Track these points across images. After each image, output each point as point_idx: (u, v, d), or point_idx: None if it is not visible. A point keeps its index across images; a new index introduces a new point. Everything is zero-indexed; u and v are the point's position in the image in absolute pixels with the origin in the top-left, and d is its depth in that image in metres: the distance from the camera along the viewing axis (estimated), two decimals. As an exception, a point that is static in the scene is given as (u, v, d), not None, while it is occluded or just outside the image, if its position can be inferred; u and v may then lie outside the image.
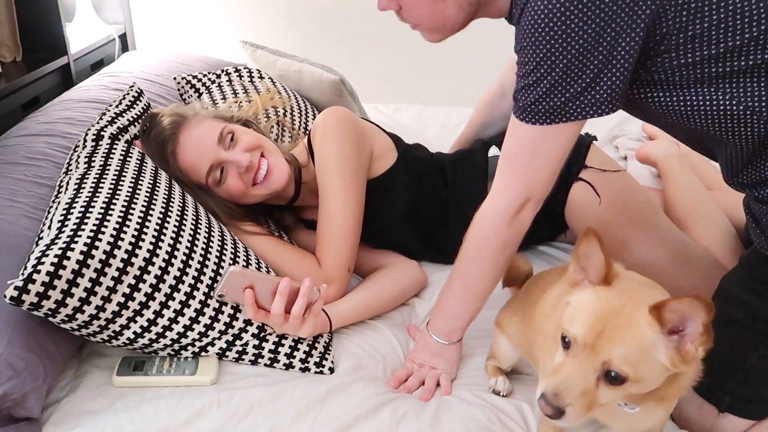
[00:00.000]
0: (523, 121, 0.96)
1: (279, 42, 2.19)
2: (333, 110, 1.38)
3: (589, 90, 0.90)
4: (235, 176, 1.29)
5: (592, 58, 0.87)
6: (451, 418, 1.03)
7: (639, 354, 0.75)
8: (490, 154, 1.46)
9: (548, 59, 0.89)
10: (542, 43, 0.88)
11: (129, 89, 1.39)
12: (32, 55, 1.87)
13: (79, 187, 1.11)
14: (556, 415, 0.76)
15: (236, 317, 1.11)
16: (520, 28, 0.92)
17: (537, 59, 0.90)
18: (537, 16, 0.87)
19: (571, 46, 0.87)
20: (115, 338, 1.05)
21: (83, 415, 1.01)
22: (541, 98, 0.92)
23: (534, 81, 0.92)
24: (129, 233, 1.04)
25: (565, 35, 0.87)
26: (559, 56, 0.88)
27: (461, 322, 1.14)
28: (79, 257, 0.97)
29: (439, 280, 1.42)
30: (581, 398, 0.76)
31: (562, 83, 0.90)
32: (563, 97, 0.91)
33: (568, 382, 0.76)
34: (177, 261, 1.08)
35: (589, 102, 0.91)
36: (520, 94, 0.95)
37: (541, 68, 0.90)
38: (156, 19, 2.73)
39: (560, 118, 0.93)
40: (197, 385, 1.07)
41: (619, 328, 0.76)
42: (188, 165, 1.28)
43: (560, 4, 0.85)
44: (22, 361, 0.96)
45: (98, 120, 1.27)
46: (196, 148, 1.28)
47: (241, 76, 1.79)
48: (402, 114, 2.29)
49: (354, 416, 1.02)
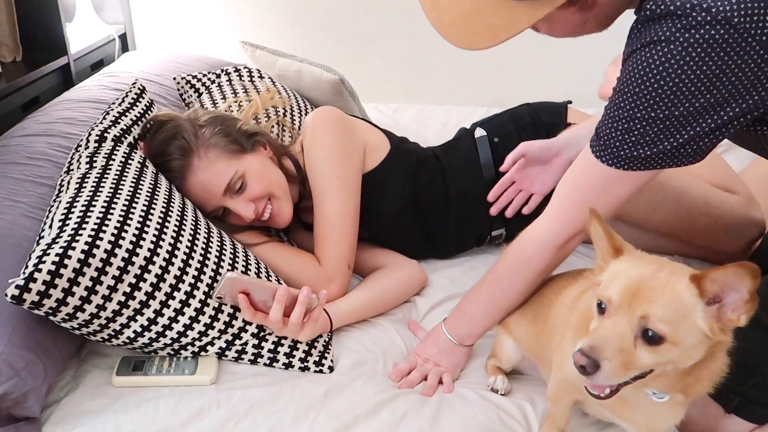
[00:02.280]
0: (600, 160, 0.93)
1: (279, 42, 2.18)
2: (320, 110, 1.38)
3: (682, 148, 0.86)
4: (238, 218, 1.29)
5: (698, 120, 0.83)
6: (452, 417, 1.03)
7: (676, 314, 0.74)
8: (477, 135, 1.47)
9: (647, 112, 0.84)
10: (645, 94, 0.83)
11: (131, 86, 1.38)
12: (32, 55, 1.87)
13: (80, 187, 1.11)
14: (591, 368, 0.74)
15: (235, 317, 1.11)
16: (630, 64, 0.85)
17: (634, 106, 0.85)
18: (650, 65, 0.81)
19: (675, 107, 0.82)
20: (115, 337, 1.05)
21: (83, 415, 1.01)
22: (628, 146, 0.88)
23: (625, 127, 0.87)
24: (130, 233, 1.04)
25: (673, 95, 0.81)
26: (660, 113, 0.83)
27: (479, 329, 1.14)
28: (80, 256, 0.97)
29: (439, 280, 1.42)
30: (618, 355, 0.74)
31: (655, 139, 0.86)
32: (650, 151, 0.87)
33: (606, 338, 0.75)
34: (177, 261, 1.08)
35: (677, 157, 0.87)
36: (605, 130, 0.91)
37: (635, 117, 0.85)
38: (156, 19, 2.73)
39: (642, 167, 0.90)
40: (197, 385, 1.07)
41: (656, 289, 0.75)
42: (192, 201, 1.25)
43: (677, 63, 0.79)
44: (22, 360, 0.96)
45: (101, 120, 1.26)
46: (202, 193, 1.25)
47: (241, 76, 1.79)
48: (402, 114, 2.29)
49: (354, 415, 1.02)
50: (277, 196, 1.31)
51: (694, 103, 0.81)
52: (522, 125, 1.47)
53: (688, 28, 0.78)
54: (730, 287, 0.74)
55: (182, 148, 1.23)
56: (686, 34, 0.78)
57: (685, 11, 0.78)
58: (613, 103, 0.90)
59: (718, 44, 0.77)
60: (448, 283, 1.41)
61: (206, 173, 1.24)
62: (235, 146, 1.28)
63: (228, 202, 1.26)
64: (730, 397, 1.02)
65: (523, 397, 1.08)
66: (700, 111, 0.82)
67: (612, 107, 0.90)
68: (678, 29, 0.79)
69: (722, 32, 0.76)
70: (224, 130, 1.29)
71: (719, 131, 0.85)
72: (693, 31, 0.78)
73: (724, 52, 0.77)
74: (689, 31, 0.78)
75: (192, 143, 1.24)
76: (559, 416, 0.98)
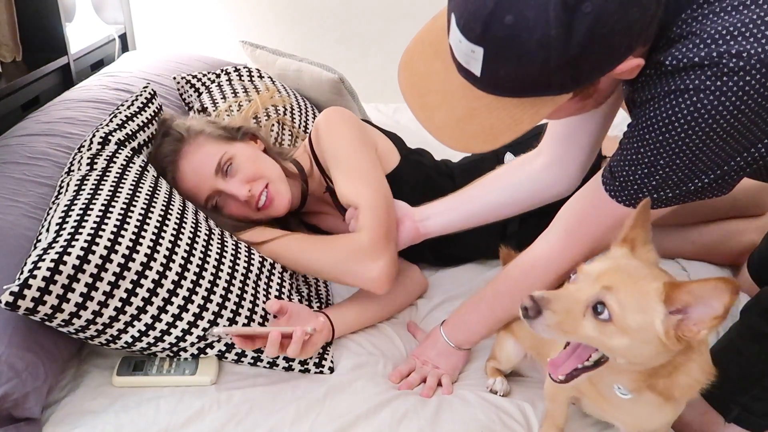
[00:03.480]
0: (615, 200, 0.90)
1: (279, 42, 2.18)
2: (334, 109, 1.36)
3: (708, 186, 0.83)
4: (235, 204, 1.28)
5: (728, 161, 0.80)
6: (452, 418, 1.03)
7: (635, 305, 0.76)
8: (506, 161, 1.41)
9: (671, 159, 0.81)
10: (671, 142, 0.79)
11: (142, 90, 1.37)
12: (32, 55, 1.87)
13: (79, 189, 1.11)
14: (533, 311, 0.78)
15: (235, 320, 1.11)
16: (650, 111, 0.81)
17: (656, 153, 0.81)
18: (676, 113, 0.77)
19: (704, 153, 0.79)
20: (114, 342, 1.05)
21: (83, 415, 1.01)
22: (648, 189, 0.86)
23: (645, 172, 0.84)
24: (127, 237, 1.04)
25: (701, 143, 0.78)
26: (686, 160, 0.80)
27: (476, 337, 1.15)
28: (75, 262, 0.97)
29: (439, 281, 1.42)
30: (564, 313, 0.78)
31: (678, 182, 0.83)
32: (672, 192, 0.85)
33: (560, 296, 0.79)
34: (175, 265, 1.07)
35: (700, 193, 0.84)
36: (621, 173, 0.87)
37: (658, 163, 0.82)
38: (156, 19, 2.73)
39: (661, 205, 0.87)
40: (197, 385, 1.07)
41: (630, 278, 0.77)
42: (188, 192, 1.27)
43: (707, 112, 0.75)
44: (22, 361, 0.96)
45: (108, 121, 1.25)
46: (194, 176, 1.27)
47: (241, 75, 1.79)
48: (402, 114, 2.28)
49: (354, 416, 1.02)
50: (272, 180, 1.30)
51: (724, 147, 0.79)
52: None
53: (719, 76, 0.74)
54: (703, 301, 0.74)
55: (175, 139, 1.29)
56: (718, 82, 0.74)
57: (713, 60, 0.74)
58: (631, 147, 0.85)
59: (755, 89, 0.74)
60: (447, 284, 1.41)
61: (196, 155, 1.28)
62: (223, 132, 1.33)
63: (221, 184, 1.26)
64: (730, 407, 1.02)
65: (522, 399, 1.08)
66: (730, 153, 0.80)
67: (630, 151, 0.85)
68: (708, 77, 0.75)
69: (758, 76, 0.73)
70: (212, 122, 1.36)
71: (748, 167, 0.82)
72: (726, 79, 0.74)
73: (760, 96, 0.74)
74: (721, 78, 0.74)
75: (183, 133, 1.30)
76: (557, 414, 0.98)
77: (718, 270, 1.42)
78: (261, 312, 1.15)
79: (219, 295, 1.10)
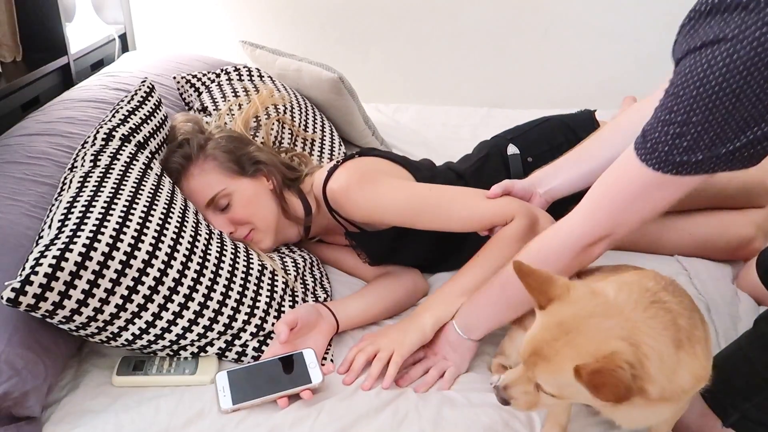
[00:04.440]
0: (645, 163, 0.86)
1: (279, 42, 2.18)
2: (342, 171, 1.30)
3: (738, 152, 0.79)
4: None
5: (761, 123, 0.76)
6: (454, 419, 1.03)
7: (561, 383, 0.80)
8: (510, 153, 1.42)
9: (704, 117, 0.77)
10: (704, 98, 0.76)
11: (140, 84, 1.37)
12: (32, 55, 1.87)
13: (81, 186, 1.11)
14: (502, 403, 0.87)
15: (235, 318, 1.11)
16: (686, 66, 0.78)
17: (690, 111, 0.78)
18: (711, 67, 0.74)
19: (738, 111, 0.75)
20: (114, 339, 1.05)
21: (83, 415, 1.01)
22: (678, 151, 0.82)
23: (677, 132, 0.81)
24: (129, 234, 1.04)
25: (736, 100, 0.74)
26: (720, 118, 0.77)
27: (485, 324, 1.12)
28: (77, 259, 0.97)
29: (439, 282, 1.41)
30: (524, 396, 0.85)
31: (710, 143, 0.79)
32: (703, 155, 0.81)
33: (515, 381, 0.86)
34: (176, 263, 1.07)
35: (731, 162, 0.81)
36: (653, 134, 0.84)
37: (690, 122, 0.79)
38: (156, 19, 2.73)
39: (692, 171, 0.83)
40: (197, 385, 1.07)
41: (546, 358, 0.80)
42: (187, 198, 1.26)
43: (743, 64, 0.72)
44: (22, 360, 0.96)
45: (110, 117, 1.24)
46: (189, 196, 1.26)
47: (241, 75, 1.79)
48: (402, 114, 2.28)
49: (355, 416, 1.01)
50: (258, 229, 1.29)
51: (758, 105, 0.75)
52: (556, 144, 1.41)
53: (760, 26, 0.70)
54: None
55: (185, 155, 1.29)
56: (756, 33, 0.70)
57: (759, 4, 0.69)
58: (664, 106, 0.83)
59: None
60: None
61: (197, 181, 1.28)
62: (233, 165, 1.30)
63: (209, 216, 1.27)
64: (730, 412, 1.00)
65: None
66: (764, 114, 0.75)
67: (663, 111, 0.83)
68: (748, 26, 0.71)
69: None
70: (229, 148, 1.31)
71: None
72: (765, 29, 0.69)
73: None
74: (761, 29, 0.70)
75: (194, 152, 1.29)
76: (560, 413, 0.98)
77: (716, 267, 1.41)
78: (263, 309, 1.15)
79: (219, 293, 1.10)
